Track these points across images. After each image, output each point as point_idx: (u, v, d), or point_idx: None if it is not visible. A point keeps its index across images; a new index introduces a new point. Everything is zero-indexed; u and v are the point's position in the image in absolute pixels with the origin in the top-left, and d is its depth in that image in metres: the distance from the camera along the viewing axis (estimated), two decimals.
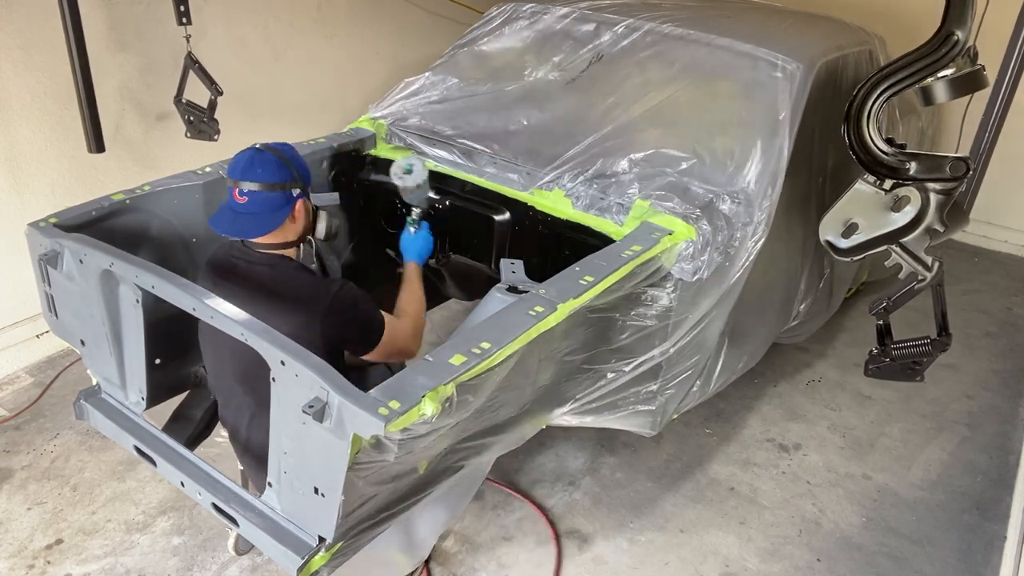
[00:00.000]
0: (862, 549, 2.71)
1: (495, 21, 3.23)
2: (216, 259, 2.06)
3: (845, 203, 2.35)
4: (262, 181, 1.91)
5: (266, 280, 1.94)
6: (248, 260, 1.99)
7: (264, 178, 1.91)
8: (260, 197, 1.91)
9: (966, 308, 4.30)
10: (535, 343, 1.78)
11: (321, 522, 1.61)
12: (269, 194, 1.91)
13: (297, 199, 1.97)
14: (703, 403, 2.76)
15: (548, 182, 2.48)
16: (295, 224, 2.00)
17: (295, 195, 1.97)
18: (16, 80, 3.08)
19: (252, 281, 1.94)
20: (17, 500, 2.71)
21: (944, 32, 2.08)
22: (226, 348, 1.91)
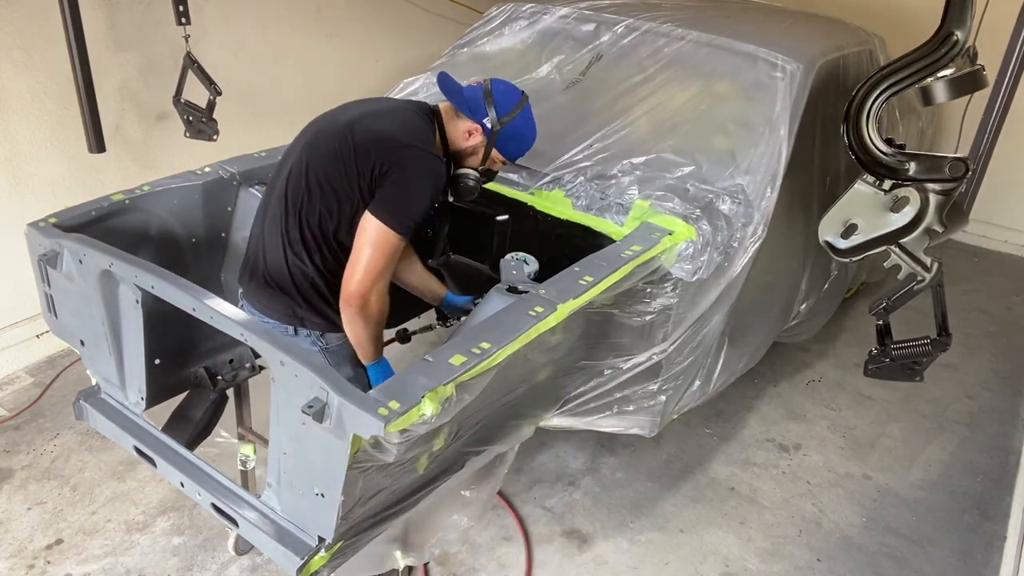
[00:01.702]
0: (862, 549, 2.71)
1: (495, 21, 3.23)
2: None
3: (844, 203, 2.34)
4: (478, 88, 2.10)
5: (398, 103, 2.11)
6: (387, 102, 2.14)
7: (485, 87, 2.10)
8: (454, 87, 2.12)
9: (966, 308, 4.30)
10: (532, 342, 1.78)
11: (321, 522, 1.61)
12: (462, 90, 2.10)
13: (483, 126, 2.08)
14: (703, 403, 2.76)
15: (548, 182, 2.48)
16: (462, 133, 2.09)
17: (485, 124, 2.08)
18: (16, 80, 3.08)
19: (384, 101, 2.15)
20: (17, 500, 2.71)
21: (944, 32, 2.08)
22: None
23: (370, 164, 1.89)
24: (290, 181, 1.98)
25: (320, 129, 2.02)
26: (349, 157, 1.91)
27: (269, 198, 2.07)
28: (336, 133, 1.96)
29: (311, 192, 1.94)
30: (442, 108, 2.12)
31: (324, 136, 1.98)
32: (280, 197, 2.00)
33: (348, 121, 1.97)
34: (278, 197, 2.00)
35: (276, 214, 2.00)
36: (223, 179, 2.40)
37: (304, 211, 1.95)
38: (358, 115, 2.00)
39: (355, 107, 2.07)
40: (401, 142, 1.93)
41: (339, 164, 1.92)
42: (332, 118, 2.04)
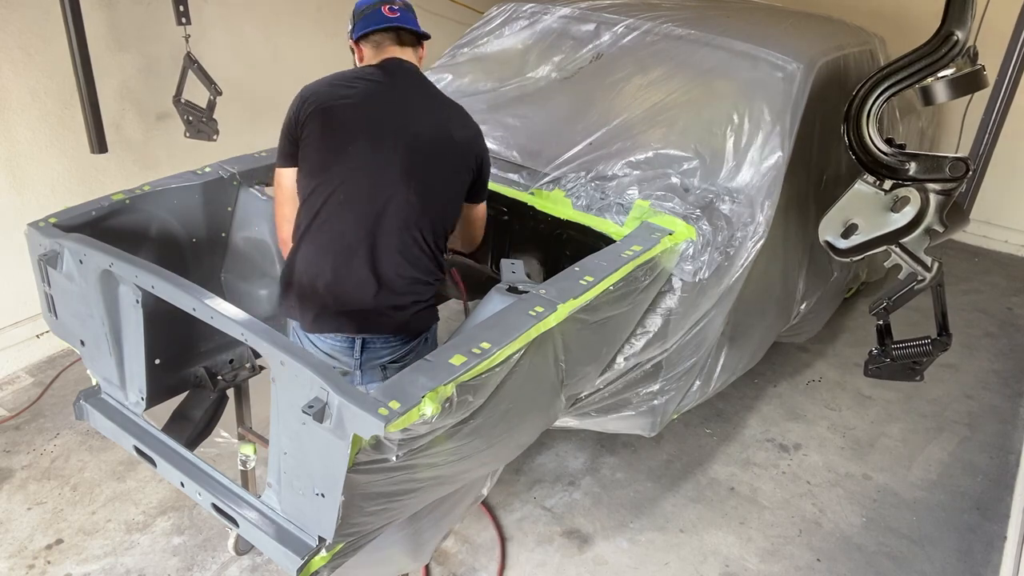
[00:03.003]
0: (862, 549, 2.71)
1: (495, 21, 3.23)
2: (356, 71, 2.06)
3: (844, 203, 2.35)
4: (408, 9, 2.06)
5: (431, 89, 2.05)
6: (405, 69, 2.02)
7: (409, 7, 2.08)
8: (408, 12, 2.05)
9: (966, 308, 4.30)
10: (540, 346, 1.78)
11: (321, 522, 1.61)
12: (412, 17, 2.06)
13: (427, 39, 2.09)
14: (703, 403, 2.76)
15: (548, 182, 2.48)
16: (420, 61, 2.09)
17: (426, 38, 2.09)
18: (16, 80, 3.08)
19: (416, 81, 2.02)
20: (17, 500, 2.71)
21: (944, 32, 2.08)
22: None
23: (474, 166, 2.04)
24: (401, 191, 1.92)
25: (413, 135, 1.94)
26: (452, 166, 2.00)
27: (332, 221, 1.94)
28: (432, 140, 1.96)
29: (430, 199, 1.96)
30: (410, 56, 2.05)
31: (424, 143, 1.95)
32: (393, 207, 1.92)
33: (436, 128, 1.98)
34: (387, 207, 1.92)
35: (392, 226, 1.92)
36: (223, 179, 2.40)
37: (416, 223, 1.94)
38: (426, 121, 1.98)
39: (407, 107, 1.98)
40: (479, 134, 2.06)
41: (446, 173, 2.00)
42: (403, 117, 1.95)
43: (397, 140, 1.92)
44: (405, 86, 1.99)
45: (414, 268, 1.96)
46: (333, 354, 2.02)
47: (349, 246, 1.92)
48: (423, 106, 2.00)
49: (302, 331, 2.03)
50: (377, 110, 1.95)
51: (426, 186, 1.94)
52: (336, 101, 1.95)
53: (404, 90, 1.99)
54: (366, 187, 1.91)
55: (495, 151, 2.65)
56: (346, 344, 1.99)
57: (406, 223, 1.92)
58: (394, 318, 1.96)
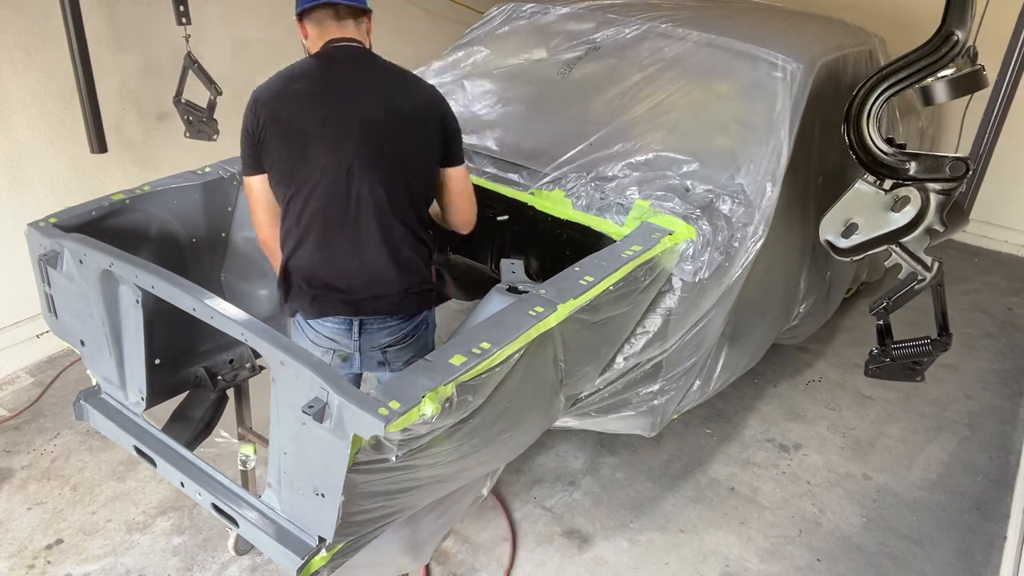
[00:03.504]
0: (862, 549, 2.71)
1: (495, 21, 3.23)
2: (299, 67, 2.01)
3: (845, 203, 2.35)
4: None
5: (375, 65, 1.99)
6: (346, 53, 1.96)
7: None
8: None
9: (966, 308, 4.30)
10: (539, 346, 1.78)
11: (321, 522, 1.61)
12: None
13: (369, 14, 2.03)
14: (703, 403, 2.76)
15: (548, 182, 2.48)
16: (367, 37, 2.04)
17: (368, 9, 2.02)
18: (16, 80, 3.08)
19: (360, 66, 1.98)
20: (17, 500, 2.71)
21: (944, 32, 2.08)
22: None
23: (438, 131, 1.99)
24: (367, 182, 1.93)
25: (362, 123, 1.92)
26: (413, 139, 1.97)
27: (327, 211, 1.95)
28: (383, 120, 1.93)
29: (399, 180, 1.96)
30: (352, 32, 1.99)
31: (375, 128, 1.93)
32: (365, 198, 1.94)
33: (387, 107, 1.94)
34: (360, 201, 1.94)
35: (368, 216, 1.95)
36: (223, 179, 2.40)
37: (390, 209, 1.96)
38: (377, 101, 1.94)
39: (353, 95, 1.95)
40: (437, 95, 2.02)
41: (408, 149, 1.97)
42: (351, 107, 1.94)
43: (350, 133, 1.92)
44: (348, 74, 1.96)
45: (399, 252, 1.99)
46: (333, 337, 2.06)
47: (334, 244, 1.97)
48: (368, 88, 1.96)
49: (303, 320, 2.07)
50: (326, 107, 1.93)
51: (391, 170, 1.94)
52: (286, 107, 1.94)
53: (347, 78, 1.96)
54: (335, 187, 1.93)
55: (495, 151, 2.65)
56: (344, 327, 2.04)
57: (381, 211, 1.94)
58: (386, 300, 2.01)
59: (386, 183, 1.94)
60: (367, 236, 1.96)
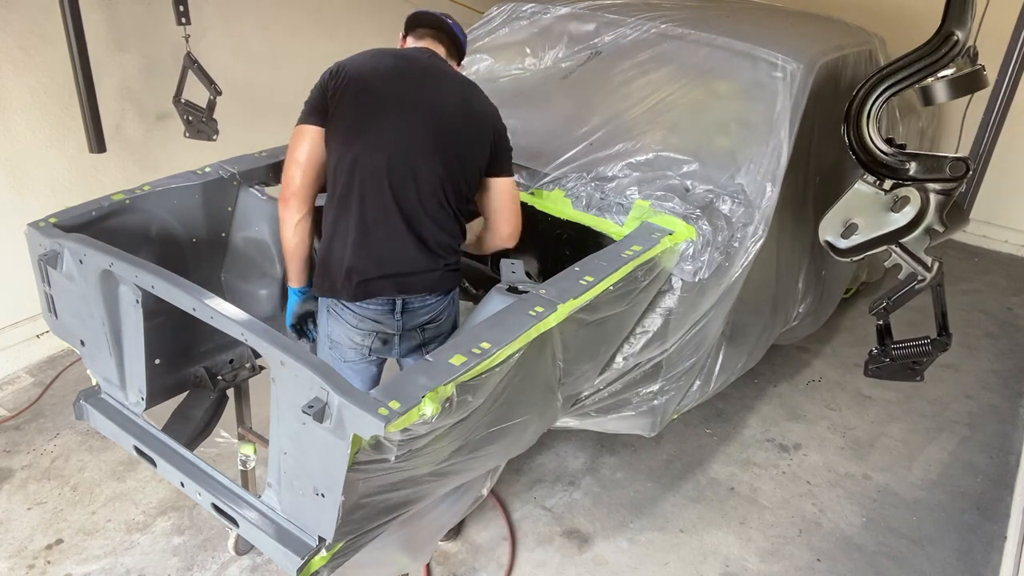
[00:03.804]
0: (862, 549, 2.71)
1: (495, 21, 3.23)
2: (382, 50, 2.16)
3: (845, 203, 2.35)
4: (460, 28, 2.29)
5: (452, 70, 2.19)
6: (430, 53, 2.15)
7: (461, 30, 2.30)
8: (460, 30, 2.28)
9: (966, 308, 4.30)
10: (538, 345, 1.78)
11: (321, 522, 1.61)
12: (462, 34, 2.28)
13: (460, 66, 2.27)
14: (703, 403, 2.76)
15: (548, 182, 2.48)
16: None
17: (461, 63, 2.28)
18: (16, 80, 3.08)
19: (439, 63, 2.15)
20: (17, 500, 2.71)
21: (944, 32, 2.08)
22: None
23: (493, 139, 2.11)
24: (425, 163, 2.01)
25: (432, 110, 2.04)
26: (473, 137, 2.08)
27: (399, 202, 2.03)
28: (452, 114, 2.06)
29: (449, 171, 2.04)
30: (443, 54, 2.21)
31: (444, 118, 2.04)
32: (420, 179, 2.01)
33: (453, 111, 2.07)
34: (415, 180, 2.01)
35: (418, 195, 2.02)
36: (223, 179, 2.40)
37: (443, 189, 2.03)
38: (448, 97, 2.08)
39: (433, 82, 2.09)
40: (495, 110, 2.16)
41: (468, 143, 2.07)
42: (428, 93, 2.06)
43: (424, 112, 2.02)
44: (428, 68, 2.11)
45: (443, 231, 2.07)
46: (376, 319, 2.09)
47: (386, 213, 2.01)
48: (447, 82, 2.11)
49: (341, 304, 2.08)
50: (405, 84, 2.05)
51: (451, 155, 2.03)
52: (368, 74, 2.05)
53: (427, 72, 2.10)
54: (397, 156, 2.00)
55: None
56: (387, 307, 2.08)
57: (434, 190, 2.02)
58: (428, 278, 2.07)
59: (444, 168, 2.02)
60: (418, 211, 2.02)
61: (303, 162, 2.07)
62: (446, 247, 2.09)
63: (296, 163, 2.07)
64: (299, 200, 2.09)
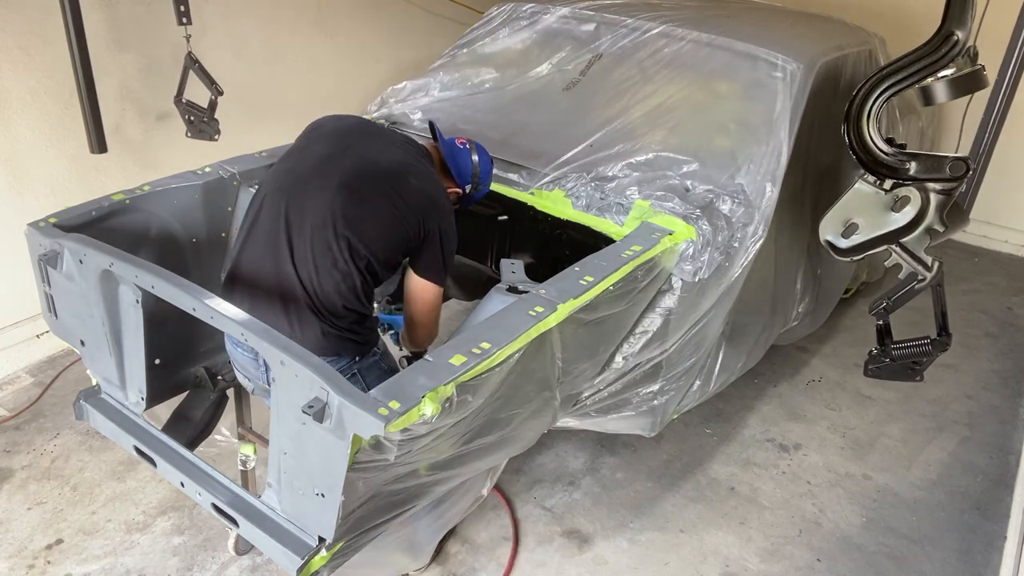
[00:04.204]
0: (862, 549, 2.71)
1: (495, 21, 3.23)
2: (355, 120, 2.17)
3: (845, 203, 2.35)
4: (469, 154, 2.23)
5: (412, 149, 2.10)
6: (397, 139, 2.12)
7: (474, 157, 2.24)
8: (459, 152, 2.22)
9: (966, 308, 4.30)
10: (537, 344, 1.78)
11: (321, 522, 1.61)
12: (465, 160, 2.22)
13: (462, 191, 2.22)
14: (703, 403, 2.76)
15: (548, 182, 2.48)
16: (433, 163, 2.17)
17: (458, 184, 2.21)
18: (16, 80, 3.08)
19: (397, 141, 2.11)
20: (17, 500, 2.71)
21: (944, 32, 2.09)
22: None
23: (417, 224, 1.96)
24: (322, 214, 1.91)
25: (349, 168, 1.95)
26: (396, 211, 1.94)
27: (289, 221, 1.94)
28: (377, 178, 1.96)
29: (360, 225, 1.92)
30: (431, 153, 2.19)
31: (359, 176, 1.94)
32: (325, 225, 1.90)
33: (386, 169, 1.98)
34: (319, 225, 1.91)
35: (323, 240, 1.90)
36: (223, 179, 2.40)
37: (351, 241, 1.90)
38: (391, 162, 2.01)
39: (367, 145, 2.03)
40: (442, 207, 2.04)
41: (389, 217, 1.94)
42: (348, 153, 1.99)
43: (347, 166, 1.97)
44: (392, 138, 2.12)
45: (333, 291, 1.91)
46: (246, 367, 2.01)
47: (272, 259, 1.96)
48: (396, 153, 2.05)
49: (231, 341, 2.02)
50: (345, 144, 2.03)
51: (354, 210, 1.91)
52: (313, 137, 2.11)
53: (387, 137, 2.11)
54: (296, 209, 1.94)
55: (494, 152, 2.65)
56: (251, 356, 1.96)
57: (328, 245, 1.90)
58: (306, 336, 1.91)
59: (346, 211, 1.90)
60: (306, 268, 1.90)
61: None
62: (335, 308, 1.92)
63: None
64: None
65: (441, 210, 2.03)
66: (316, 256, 1.89)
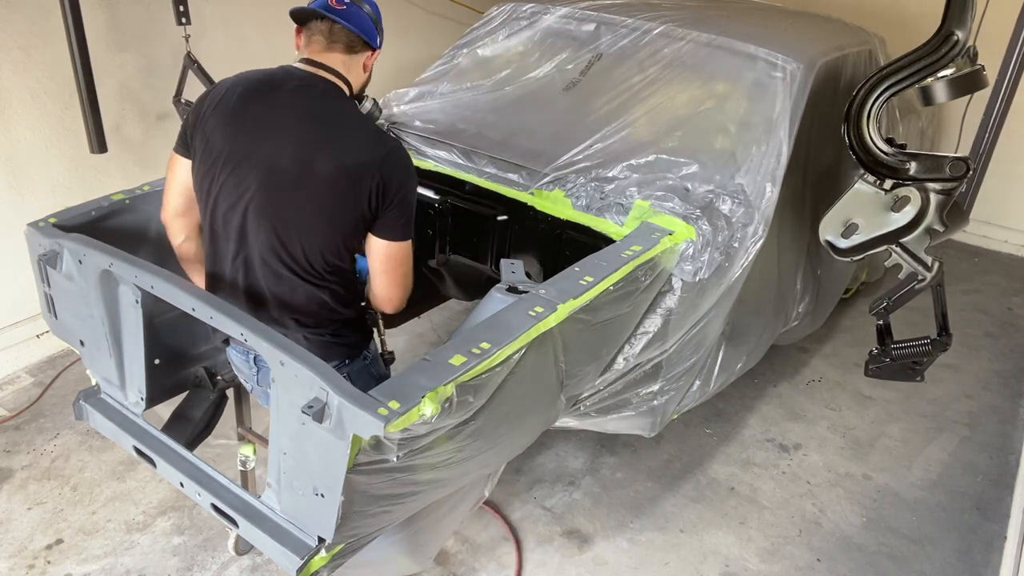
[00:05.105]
0: (862, 549, 2.71)
1: (495, 21, 3.23)
2: (252, 77, 1.86)
3: (845, 203, 2.35)
4: (361, 6, 1.89)
5: (323, 106, 1.80)
6: (303, 82, 1.81)
7: (364, 7, 1.90)
8: (356, 11, 1.86)
9: (966, 308, 4.30)
10: (540, 346, 1.78)
11: (321, 523, 1.61)
12: (363, 15, 1.87)
13: (373, 50, 1.93)
14: (703, 403, 2.76)
15: (548, 182, 2.48)
16: (362, 72, 1.93)
17: (374, 46, 1.93)
18: (16, 80, 3.08)
19: (303, 102, 1.79)
20: (17, 500, 2.71)
21: (944, 32, 2.09)
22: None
23: (362, 196, 1.75)
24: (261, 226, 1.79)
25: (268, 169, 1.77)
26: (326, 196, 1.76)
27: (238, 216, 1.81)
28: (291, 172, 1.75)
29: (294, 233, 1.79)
30: (337, 60, 1.86)
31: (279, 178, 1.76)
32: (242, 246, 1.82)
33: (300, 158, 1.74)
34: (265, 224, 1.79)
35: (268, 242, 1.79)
36: None
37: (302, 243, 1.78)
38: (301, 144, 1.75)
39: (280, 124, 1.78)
40: (380, 162, 1.75)
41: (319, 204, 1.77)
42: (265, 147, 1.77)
43: (251, 175, 1.78)
44: (284, 108, 1.80)
45: (294, 296, 1.85)
46: (239, 367, 2.02)
47: (229, 273, 1.89)
48: (295, 131, 1.77)
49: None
50: (248, 134, 1.80)
51: (285, 222, 1.78)
52: (218, 118, 1.83)
53: (280, 113, 1.80)
54: (232, 221, 1.83)
55: (494, 152, 2.65)
56: (243, 356, 1.98)
57: (272, 254, 1.81)
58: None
59: (279, 233, 1.79)
60: (258, 276, 1.85)
61: (172, 195, 1.97)
62: (304, 314, 1.85)
63: (167, 193, 1.98)
64: (171, 225, 2.01)
65: (383, 163, 1.76)
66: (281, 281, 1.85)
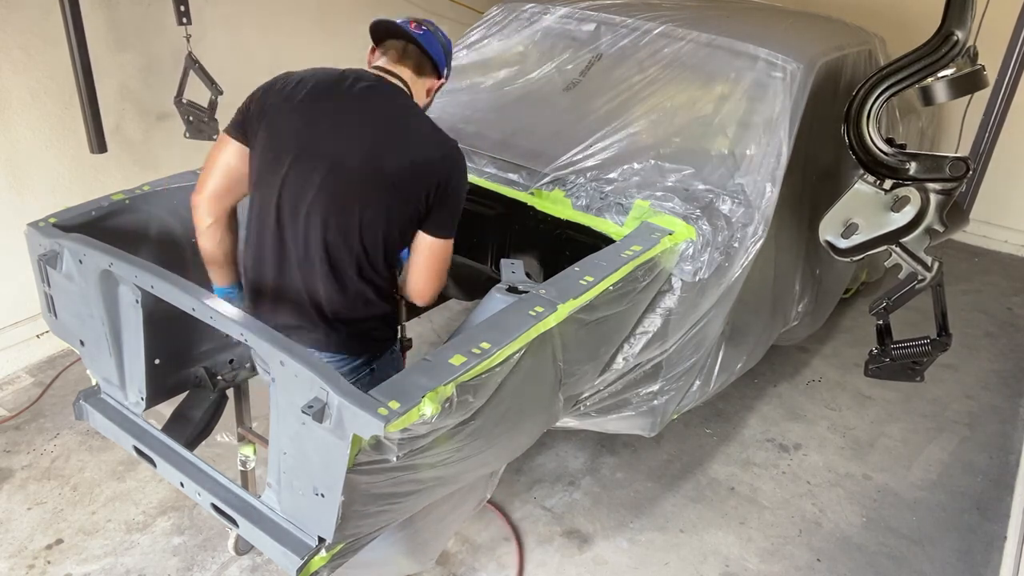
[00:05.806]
0: (862, 549, 2.71)
1: (495, 21, 3.23)
2: (322, 73, 1.95)
3: (845, 203, 2.35)
4: (436, 35, 1.99)
5: (390, 105, 1.86)
6: (371, 82, 1.87)
7: (439, 37, 2.00)
8: (431, 38, 1.97)
9: (966, 308, 4.30)
10: (540, 346, 1.78)
11: (321, 523, 1.61)
12: (437, 44, 1.98)
13: (440, 80, 2.03)
14: (703, 403, 2.76)
15: (548, 182, 2.48)
16: (424, 96, 2.00)
17: (441, 75, 2.02)
18: (16, 80, 3.08)
19: (371, 102, 1.84)
20: (17, 500, 2.71)
21: (944, 32, 2.09)
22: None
23: (422, 193, 1.81)
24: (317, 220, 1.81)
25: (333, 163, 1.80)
26: (388, 195, 1.80)
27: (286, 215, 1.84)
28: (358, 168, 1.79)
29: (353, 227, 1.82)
30: (405, 78, 1.93)
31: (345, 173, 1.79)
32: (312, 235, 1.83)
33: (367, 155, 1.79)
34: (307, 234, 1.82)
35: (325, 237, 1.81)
36: None
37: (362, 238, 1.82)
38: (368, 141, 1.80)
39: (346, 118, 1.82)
40: (440, 162, 1.84)
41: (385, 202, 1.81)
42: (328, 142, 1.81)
43: (316, 168, 1.80)
44: (351, 103, 1.84)
45: (342, 295, 1.87)
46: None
47: (277, 264, 1.90)
48: (361, 127, 1.82)
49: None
50: (317, 129, 1.83)
51: (347, 215, 1.80)
52: (287, 110, 1.87)
53: (347, 109, 1.84)
54: (290, 213, 1.83)
55: (495, 152, 2.65)
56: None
57: (325, 252, 1.83)
58: (314, 334, 1.90)
59: (340, 228, 1.81)
60: (307, 272, 1.86)
61: (213, 177, 1.94)
62: (347, 309, 1.88)
63: (205, 174, 1.95)
64: (203, 210, 1.96)
65: (442, 164, 1.84)
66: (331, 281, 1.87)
